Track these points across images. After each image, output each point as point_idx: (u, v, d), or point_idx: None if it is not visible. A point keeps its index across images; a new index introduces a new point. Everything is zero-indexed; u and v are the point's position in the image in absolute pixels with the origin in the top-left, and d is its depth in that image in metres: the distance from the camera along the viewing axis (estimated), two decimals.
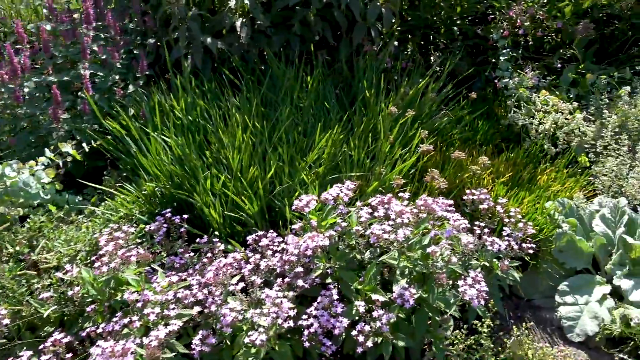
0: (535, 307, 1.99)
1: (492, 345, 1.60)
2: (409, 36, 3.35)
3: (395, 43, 3.12)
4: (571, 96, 2.67)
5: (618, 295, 1.89)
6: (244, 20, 2.83)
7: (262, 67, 2.91)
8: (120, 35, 2.61)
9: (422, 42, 3.38)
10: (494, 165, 2.30)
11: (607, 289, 1.90)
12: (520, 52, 3.12)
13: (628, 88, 2.36)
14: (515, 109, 2.58)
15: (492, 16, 3.09)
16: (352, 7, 2.77)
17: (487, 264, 1.74)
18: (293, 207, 1.64)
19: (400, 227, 1.48)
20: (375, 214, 1.61)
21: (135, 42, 2.73)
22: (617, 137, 2.20)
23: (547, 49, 3.30)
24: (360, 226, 1.57)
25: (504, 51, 2.78)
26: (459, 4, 3.24)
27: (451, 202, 1.61)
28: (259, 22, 2.85)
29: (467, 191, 1.90)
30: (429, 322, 1.59)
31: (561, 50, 3.05)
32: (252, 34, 2.93)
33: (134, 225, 1.80)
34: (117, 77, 2.50)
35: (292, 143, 2.25)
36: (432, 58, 3.38)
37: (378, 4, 2.76)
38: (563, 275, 1.99)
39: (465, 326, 1.65)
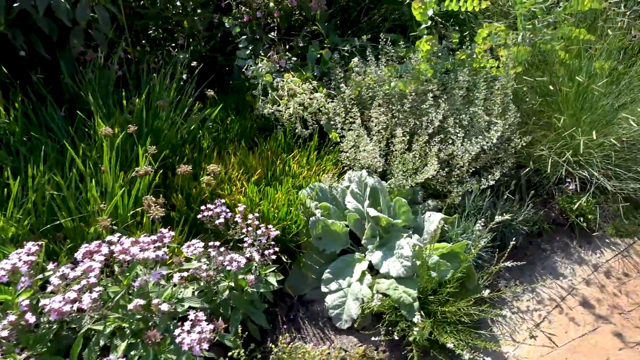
0: (307, 303, 1.92)
1: None
2: (150, 34, 3.01)
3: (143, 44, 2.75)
4: (316, 74, 2.66)
5: (376, 269, 1.91)
6: None
7: None
8: None
9: (163, 39, 3.07)
10: (246, 163, 2.15)
11: (365, 264, 1.91)
12: (274, 34, 3.03)
13: (356, 59, 2.41)
14: (262, 97, 2.47)
15: (227, 1, 2.91)
16: (56, 11, 2.32)
17: (233, 284, 1.58)
18: None
19: (89, 290, 1.20)
20: (72, 274, 1.30)
21: None
22: (352, 109, 2.23)
23: (297, 27, 3.28)
24: (46, 299, 1.24)
25: (242, 38, 2.63)
26: None
27: (170, 234, 1.37)
28: None
29: (202, 207, 1.70)
30: None
31: (305, 28, 3.04)
32: None
33: None
34: None
35: None
36: (182, 56, 3.10)
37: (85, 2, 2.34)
38: (326, 262, 1.95)
39: None
